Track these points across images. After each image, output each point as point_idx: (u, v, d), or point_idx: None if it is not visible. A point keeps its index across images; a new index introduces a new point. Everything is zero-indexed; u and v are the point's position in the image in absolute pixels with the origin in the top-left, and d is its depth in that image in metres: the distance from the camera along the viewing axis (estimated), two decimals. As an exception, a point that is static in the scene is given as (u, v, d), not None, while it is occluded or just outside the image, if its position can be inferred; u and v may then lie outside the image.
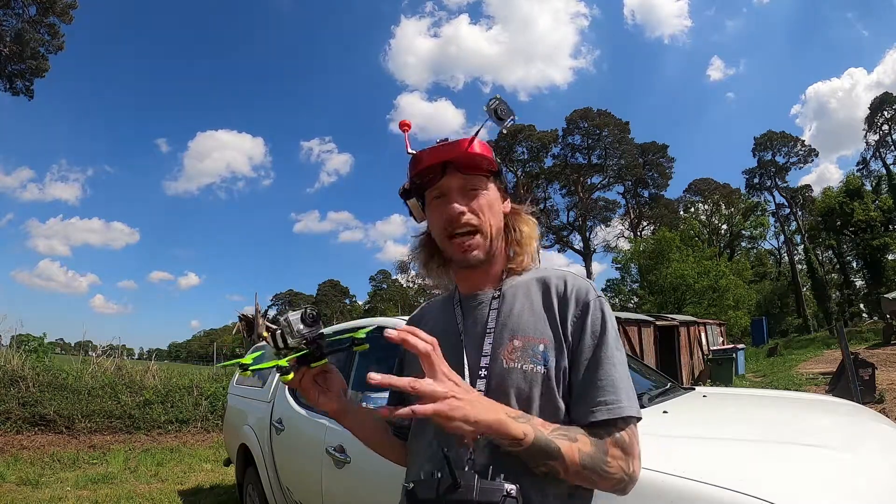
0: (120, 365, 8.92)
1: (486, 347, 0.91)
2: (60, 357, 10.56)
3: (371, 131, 77.35)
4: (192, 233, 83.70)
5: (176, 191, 68.06)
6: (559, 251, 41.17)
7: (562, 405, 0.87)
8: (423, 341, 0.77)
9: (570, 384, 0.88)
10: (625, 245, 35.53)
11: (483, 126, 0.94)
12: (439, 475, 0.77)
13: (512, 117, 0.94)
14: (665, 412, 1.85)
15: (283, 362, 0.90)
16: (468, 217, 0.93)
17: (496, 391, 0.87)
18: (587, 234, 38.25)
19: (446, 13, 63.21)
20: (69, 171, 63.63)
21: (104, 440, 6.77)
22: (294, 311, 0.91)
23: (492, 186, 0.98)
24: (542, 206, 38.48)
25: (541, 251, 1.07)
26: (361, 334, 1.01)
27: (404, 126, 1.03)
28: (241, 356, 0.96)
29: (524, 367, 0.87)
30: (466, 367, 0.92)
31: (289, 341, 0.90)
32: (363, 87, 74.78)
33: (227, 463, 4.37)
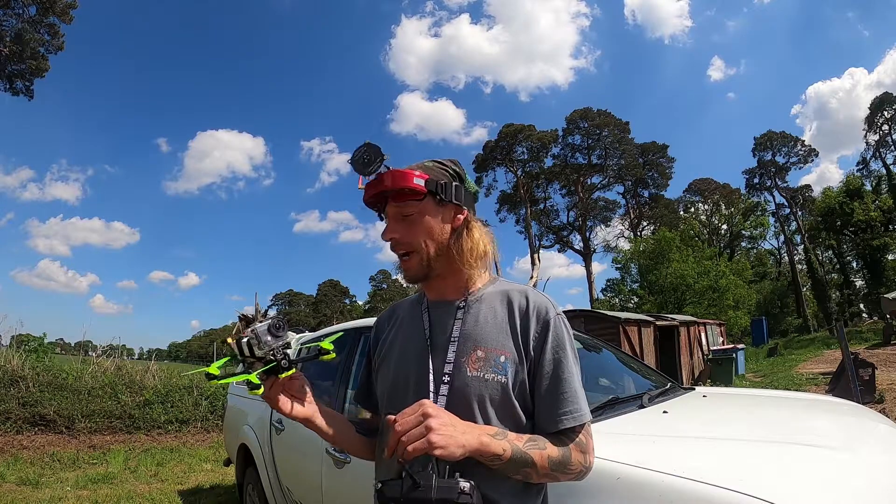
0: (120, 365, 8.91)
1: (450, 355, 0.98)
2: (60, 357, 10.54)
3: (372, 131, 77.23)
4: (192, 233, 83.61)
5: (176, 191, 67.99)
6: (559, 251, 41.27)
7: (519, 413, 0.96)
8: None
9: (533, 394, 0.97)
10: (625, 245, 35.54)
11: (378, 168, 0.99)
12: (403, 474, 0.84)
13: (379, 162, 0.99)
14: (665, 412, 1.85)
15: (254, 377, 0.91)
16: (398, 244, 1.01)
17: (458, 397, 0.94)
18: (587, 234, 38.26)
19: (447, 13, 63.30)
20: (69, 171, 63.56)
21: (104, 440, 6.77)
22: (262, 322, 0.94)
23: (428, 207, 1.01)
24: (542, 206, 38.52)
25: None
26: (328, 344, 1.03)
27: (360, 186, 1.07)
28: (237, 355, 0.97)
29: (486, 376, 0.94)
30: (431, 372, 0.98)
31: (256, 352, 0.92)
32: (364, 86, 74.81)
33: (227, 463, 4.37)
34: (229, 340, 0.96)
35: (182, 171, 76.89)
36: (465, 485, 0.83)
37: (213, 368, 0.94)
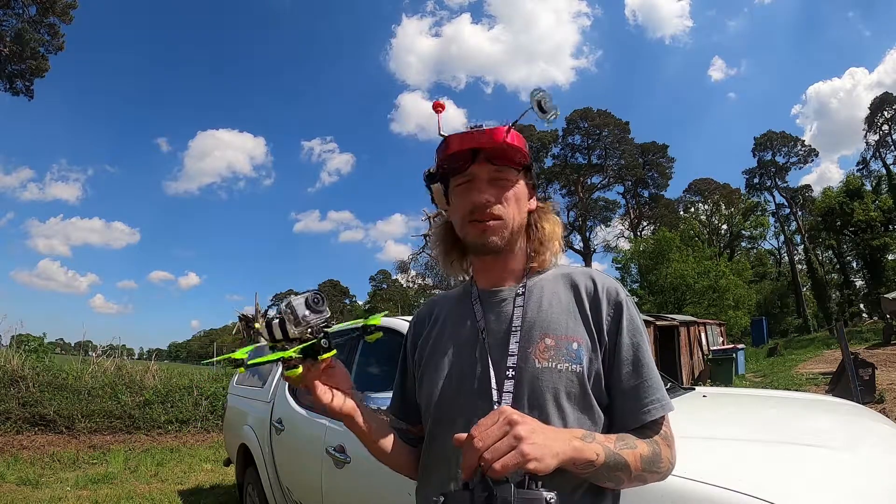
0: (120, 365, 8.91)
1: (513, 346, 0.87)
2: (60, 357, 10.55)
3: (372, 131, 77.42)
4: (192, 233, 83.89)
5: (176, 191, 68.13)
6: (559, 251, 41.15)
7: (595, 404, 0.86)
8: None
9: (610, 384, 0.87)
10: (625, 245, 35.56)
11: (522, 116, 0.88)
12: (472, 484, 0.71)
13: (555, 112, 0.90)
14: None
15: (291, 352, 0.78)
16: (494, 208, 0.89)
17: (529, 391, 0.84)
18: (587, 234, 38.27)
19: (448, 12, 63.19)
20: (69, 171, 63.77)
21: (104, 440, 6.77)
22: (297, 295, 0.81)
23: (521, 180, 0.94)
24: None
25: (563, 248, 1.04)
26: (377, 319, 0.93)
27: (438, 107, 0.97)
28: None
29: (559, 366, 0.84)
30: (491, 366, 0.87)
31: (291, 331, 0.78)
32: (364, 86, 74.92)
33: (227, 463, 4.37)
34: (257, 325, 0.84)
35: (182, 170, 77.10)
36: (549, 496, 0.70)
37: (241, 353, 0.83)
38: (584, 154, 37.52)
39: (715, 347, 14.89)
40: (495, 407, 0.83)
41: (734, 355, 12.22)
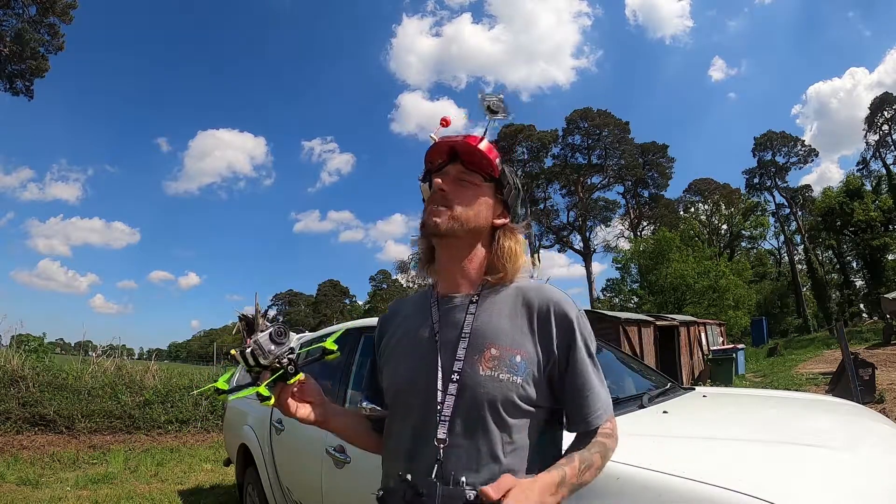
0: (120, 365, 8.91)
1: (460, 352, 0.93)
2: (60, 357, 10.54)
3: (373, 131, 77.30)
4: (192, 233, 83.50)
5: (176, 191, 67.95)
6: (559, 251, 41.23)
7: (531, 410, 0.93)
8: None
9: (561, 395, 0.96)
10: (625, 245, 35.55)
11: (488, 127, 0.99)
12: (409, 480, 0.83)
13: (504, 112, 0.97)
14: (665, 412, 1.86)
15: (263, 390, 0.90)
16: (447, 196, 0.98)
17: (470, 397, 0.90)
18: (587, 234, 38.27)
19: (448, 12, 63.01)
20: (69, 171, 63.51)
21: (104, 440, 6.77)
22: (262, 330, 0.92)
23: (486, 189, 1.01)
24: (541, 206, 38.50)
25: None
26: (331, 344, 1.02)
27: (444, 123, 1.04)
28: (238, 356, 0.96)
29: (501, 375, 0.90)
30: (440, 369, 0.94)
31: (261, 361, 0.91)
32: (365, 86, 74.77)
33: (227, 463, 4.37)
34: (233, 352, 0.95)
35: (182, 170, 76.89)
36: (471, 493, 0.80)
37: (221, 383, 0.94)
38: (584, 154, 37.54)
39: (715, 347, 14.89)
40: (439, 409, 0.91)
41: (734, 355, 12.22)
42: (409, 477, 0.87)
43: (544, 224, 38.38)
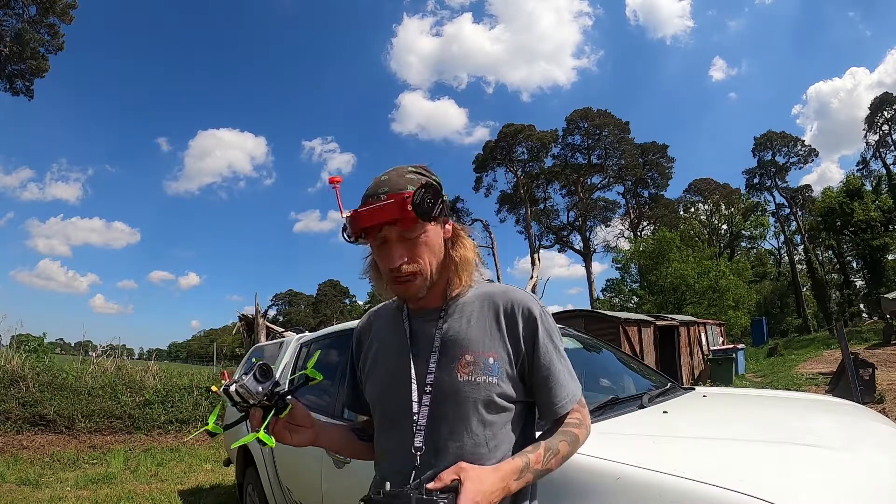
0: (120, 365, 8.92)
1: (432, 364, 0.99)
2: (60, 357, 10.54)
3: (374, 131, 77.20)
4: (192, 233, 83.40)
5: (177, 191, 67.80)
6: (559, 251, 41.28)
7: (509, 406, 0.99)
8: None
9: (531, 385, 1.02)
10: (625, 245, 35.55)
11: (392, 197, 0.97)
12: (387, 487, 0.88)
13: (442, 204, 0.99)
14: (665, 412, 1.85)
15: (263, 435, 0.95)
16: (407, 267, 0.98)
17: (453, 402, 0.96)
18: (587, 234, 38.27)
19: (449, 12, 62.98)
20: (69, 171, 63.37)
21: (104, 440, 6.77)
22: (245, 374, 0.95)
23: (430, 226, 1.00)
24: (541, 206, 38.51)
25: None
26: (312, 372, 1.05)
27: (334, 182, 1.07)
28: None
29: (478, 379, 0.97)
30: (413, 381, 1.00)
31: (249, 401, 0.95)
32: (365, 86, 74.58)
33: (227, 463, 4.37)
34: (213, 389, 0.97)
35: (182, 170, 76.80)
36: (442, 500, 0.84)
37: (211, 425, 0.98)
38: (584, 154, 37.53)
39: (715, 347, 14.89)
40: (415, 419, 0.97)
41: (734, 355, 12.22)
42: (387, 486, 0.91)
43: (544, 224, 38.40)
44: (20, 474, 5.25)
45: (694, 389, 2.56)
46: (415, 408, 0.98)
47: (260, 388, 0.95)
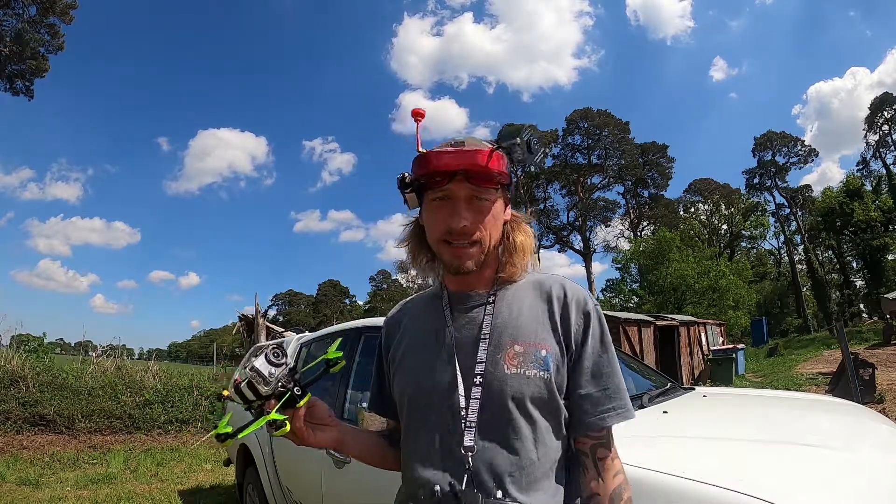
0: (120, 365, 8.91)
1: (482, 353, 0.88)
2: (60, 357, 10.54)
3: (374, 130, 77.41)
4: (192, 233, 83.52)
5: (177, 190, 67.91)
6: (559, 251, 41.22)
7: (562, 409, 0.88)
8: None
9: (571, 389, 0.90)
10: (625, 245, 35.55)
11: (505, 146, 0.91)
12: (439, 492, 0.75)
13: (544, 153, 0.91)
14: (665, 412, 1.85)
15: (275, 415, 0.81)
16: (471, 231, 0.89)
17: (497, 397, 0.85)
18: (587, 234, 38.26)
19: (450, 11, 63.13)
20: (69, 171, 63.69)
21: (104, 440, 6.77)
22: (255, 356, 0.84)
23: (499, 198, 0.93)
24: (541, 206, 38.48)
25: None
26: (333, 353, 0.94)
27: (417, 115, 0.95)
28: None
29: (528, 372, 0.86)
30: (459, 373, 0.88)
31: (262, 390, 0.81)
32: (366, 86, 74.72)
33: (227, 463, 4.37)
34: (225, 393, 0.85)
35: (183, 170, 76.98)
36: None
37: (222, 427, 0.84)
38: (584, 154, 37.53)
39: (715, 347, 14.89)
40: (463, 414, 0.85)
41: (734, 355, 12.22)
42: (437, 489, 0.80)
43: (544, 224, 38.37)
44: (20, 474, 5.25)
45: (694, 389, 2.56)
46: (461, 402, 0.86)
47: (273, 371, 0.81)
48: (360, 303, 58.18)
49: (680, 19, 56.10)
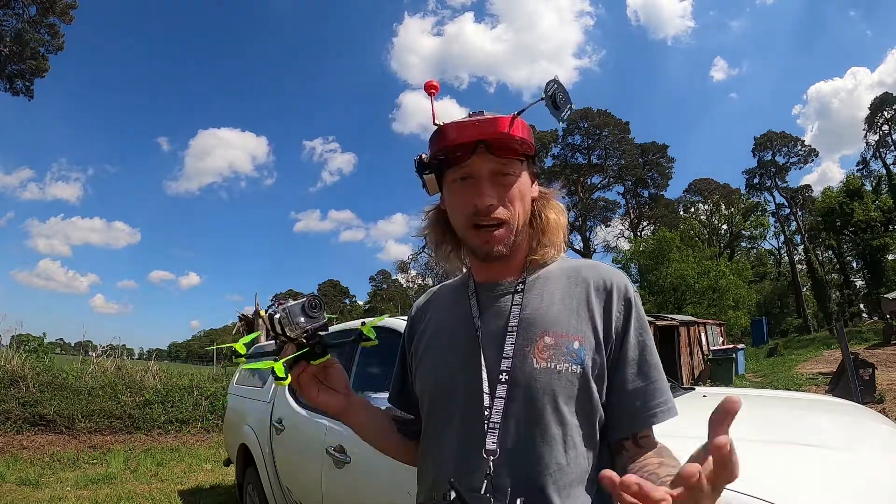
0: (120, 365, 8.91)
1: (508, 348, 0.81)
2: (60, 357, 10.54)
3: (374, 130, 77.42)
4: (192, 233, 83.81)
5: (177, 190, 68.14)
6: (559, 251, 41.16)
7: (597, 406, 0.81)
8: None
9: (614, 384, 0.82)
10: (625, 245, 35.58)
11: (530, 107, 0.83)
12: (452, 497, 0.70)
13: (570, 106, 0.84)
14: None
15: (279, 367, 0.79)
16: (499, 211, 0.81)
17: (525, 393, 0.78)
18: (587, 234, 38.29)
19: (450, 11, 63.25)
20: (69, 171, 63.87)
21: (104, 440, 6.77)
22: (296, 299, 0.81)
23: (524, 172, 0.86)
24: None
25: (568, 240, 0.94)
26: (369, 330, 0.88)
27: (431, 88, 0.88)
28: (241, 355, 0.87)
29: (558, 366, 0.78)
30: (484, 368, 0.81)
31: (287, 332, 0.79)
32: (366, 85, 74.93)
33: (227, 463, 4.37)
34: (261, 313, 0.83)
35: (183, 170, 77.05)
36: None
37: (241, 346, 0.84)
38: (584, 154, 37.55)
39: (715, 347, 14.89)
40: (486, 413, 0.79)
41: (734, 355, 12.22)
42: (452, 495, 0.72)
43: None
44: (20, 474, 5.25)
45: (694, 389, 2.56)
46: (486, 401, 0.79)
47: (301, 320, 0.78)
48: (360, 303, 58.24)
49: (680, 19, 56.21)
